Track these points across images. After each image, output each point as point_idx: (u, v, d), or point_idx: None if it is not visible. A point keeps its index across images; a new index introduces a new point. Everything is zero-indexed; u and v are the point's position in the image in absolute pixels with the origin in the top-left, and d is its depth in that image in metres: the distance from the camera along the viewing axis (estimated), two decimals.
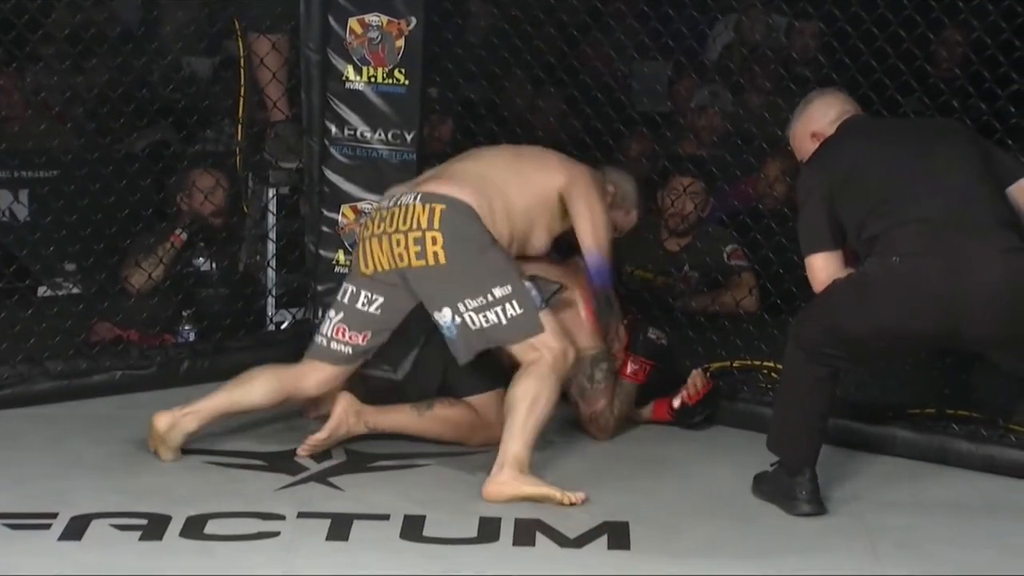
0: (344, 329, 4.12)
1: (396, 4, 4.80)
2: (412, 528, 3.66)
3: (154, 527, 3.61)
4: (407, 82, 4.85)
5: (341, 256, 4.92)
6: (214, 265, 5.15)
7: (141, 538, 3.56)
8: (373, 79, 4.86)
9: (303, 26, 4.87)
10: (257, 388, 4.17)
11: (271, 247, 5.12)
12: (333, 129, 4.90)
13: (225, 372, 4.46)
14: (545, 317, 4.00)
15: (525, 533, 3.64)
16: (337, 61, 4.86)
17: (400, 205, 4.05)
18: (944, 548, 3.64)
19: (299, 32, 4.89)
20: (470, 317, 3.97)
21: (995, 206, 3.67)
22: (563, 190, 4.09)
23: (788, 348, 3.82)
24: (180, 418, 4.11)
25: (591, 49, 5.44)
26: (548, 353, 3.95)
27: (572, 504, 3.80)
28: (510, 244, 4.09)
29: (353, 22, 4.82)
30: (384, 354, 4.20)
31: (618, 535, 3.65)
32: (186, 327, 4.99)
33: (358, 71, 4.85)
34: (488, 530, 3.66)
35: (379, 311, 4.09)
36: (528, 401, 3.89)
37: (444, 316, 3.99)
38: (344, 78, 4.86)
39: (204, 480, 3.97)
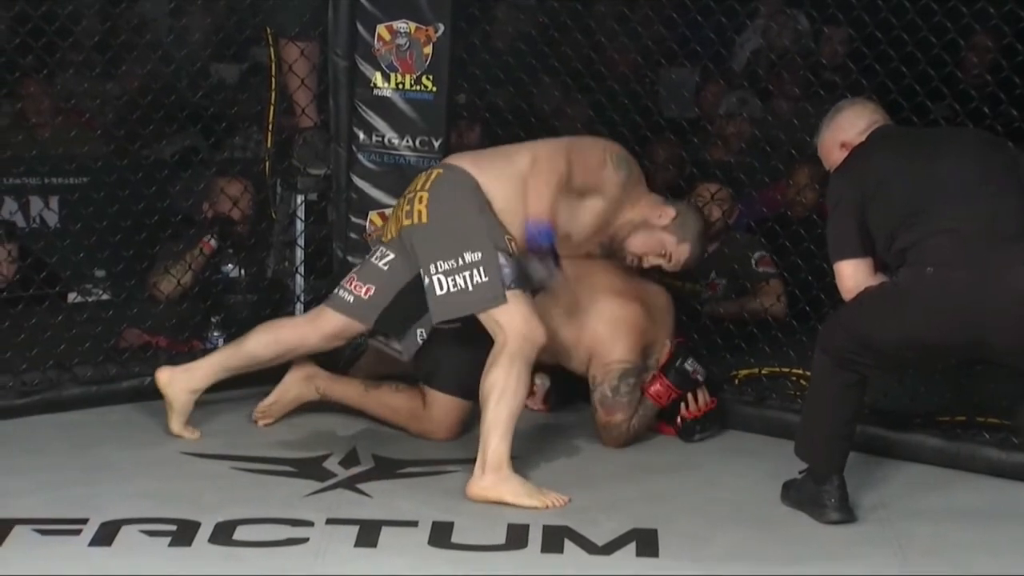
0: (354, 278, 4.23)
1: (424, 11, 4.81)
2: (440, 535, 3.66)
3: (183, 533, 3.62)
4: (435, 88, 4.86)
5: None
6: (242, 272, 5.16)
7: (170, 544, 3.57)
8: (401, 85, 4.87)
9: (331, 32, 4.88)
10: (254, 339, 4.32)
11: (299, 253, 5.13)
12: (361, 135, 4.91)
13: (253, 378, 4.48)
14: (514, 296, 3.98)
15: (553, 540, 3.64)
16: (365, 68, 4.88)
17: (420, 172, 4.23)
18: (973, 555, 3.62)
19: (327, 38, 4.90)
20: (439, 280, 4.01)
21: (1022, 217, 3.66)
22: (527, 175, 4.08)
23: (816, 355, 3.81)
24: (180, 372, 4.29)
25: (618, 55, 5.43)
26: (513, 335, 3.95)
27: (557, 507, 3.83)
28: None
29: (381, 28, 4.83)
30: (394, 332, 4.22)
31: (646, 542, 3.65)
32: (214, 333, 4.99)
33: (386, 77, 4.86)
34: (516, 537, 3.65)
35: (387, 267, 4.18)
36: (496, 393, 3.91)
37: (424, 277, 4.05)
38: (372, 84, 4.88)
39: (233, 486, 3.97)
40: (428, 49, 4.82)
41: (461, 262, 4.00)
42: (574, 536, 3.66)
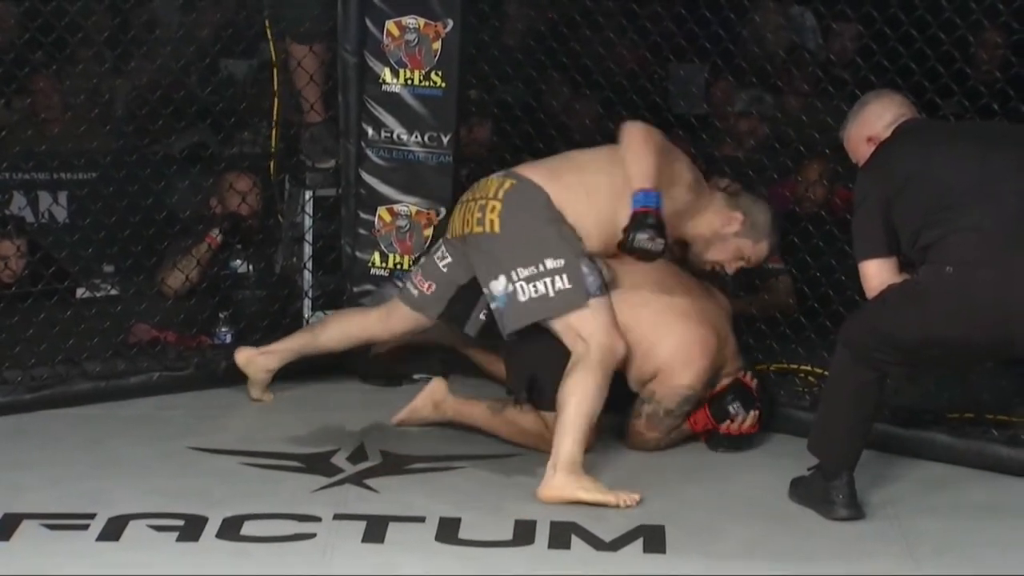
0: (419, 274, 4.35)
1: (433, 6, 4.81)
2: (448, 530, 3.66)
3: (191, 528, 3.62)
4: (444, 84, 4.85)
5: (377, 258, 4.94)
6: (250, 267, 5.16)
7: (178, 539, 3.57)
8: (410, 81, 4.87)
9: (340, 29, 4.88)
10: (329, 332, 4.54)
11: (307, 249, 5.13)
12: (370, 131, 4.91)
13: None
14: (598, 304, 4.00)
15: (561, 536, 3.64)
16: (374, 63, 4.87)
17: (487, 179, 4.23)
18: (982, 552, 3.62)
19: (336, 35, 4.90)
20: (521, 287, 4.01)
21: None
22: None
23: (837, 351, 3.80)
24: (257, 356, 4.57)
25: (627, 51, 5.43)
26: (596, 346, 3.95)
27: (628, 506, 3.80)
28: (600, 244, 4.10)
29: (390, 24, 4.83)
30: (457, 310, 4.27)
31: (654, 538, 3.65)
32: (223, 329, 5.00)
33: (395, 73, 4.86)
34: (524, 533, 3.65)
35: (446, 268, 4.25)
36: (576, 398, 3.90)
37: (498, 285, 4.05)
38: (381, 80, 4.87)
39: (241, 481, 3.98)
40: (437, 45, 4.81)
41: (543, 268, 4.01)
42: (581, 532, 3.66)
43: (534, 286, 4.01)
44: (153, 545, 3.55)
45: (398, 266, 4.91)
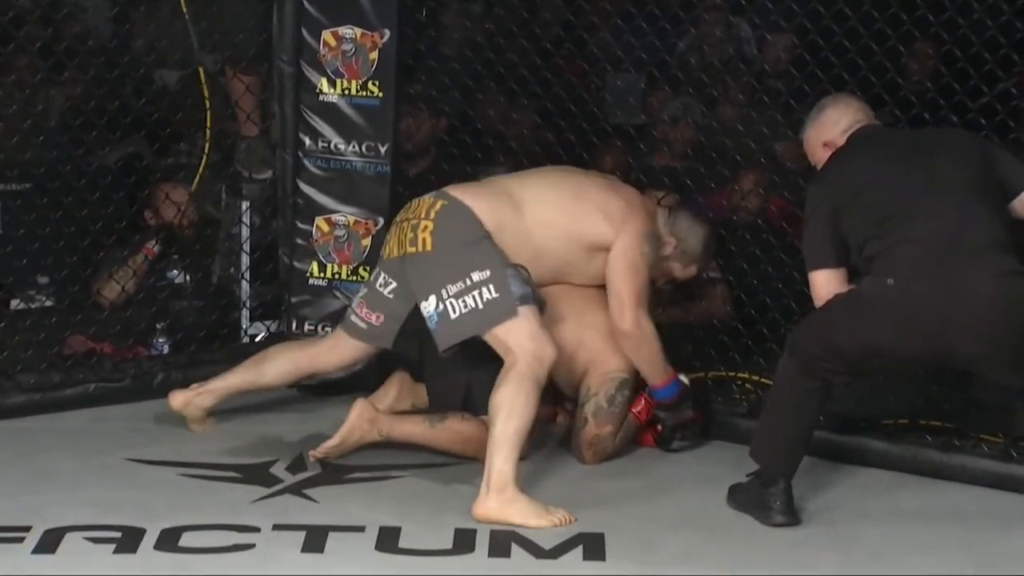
0: (363, 305, 4.28)
1: (370, 16, 4.81)
2: (388, 540, 3.65)
3: (128, 540, 3.60)
4: (381, 94, 4.85)
5: (315, 268, 4.92)
6: (187, 277, 5.15)
7: (115, 551, 3.55)
8: (347, 91, 4.86)
9: (276, 38, 4.87)
10: (271, 368, 4.41)
11: (245, 259, 5.11)
12: (307, 141, 4.89)
13: (199, 383, 4.46)
14: (525, 312, 4.00)
15: (500, 544, 3.64)
16: (311, 73, 4.86)
17: (420, 199, 4.21)
18: (917, 558, 3.66)
19: (272, 44, 4.89)
20: (451, 304, 4.01)
21: (992, 227, 3.69)
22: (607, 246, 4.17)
23: (783, 359, 3.83)
24: (194, 397, 4.40)
25: (564, 61, 5.44)
26: (523, 356, 3.95)
27: (561, 525, 3.78)
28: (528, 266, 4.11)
29: (327, 34, 4.83)
30: (411, 339, 4.25)
31: (593, 546, 3.66)
32: (160, 339, 4.98)
33: (332, 83, 4.85)
34: (463, 542, 3.66)
35: (392, 295, 4.21)
36: (505, 412, 3.88)
37: (429, 305, 4.04)
38: (318, 90, 4.86)
39: (178, 492, 3.96)
40: (374, 55, 4.81)
41: (470, 282, 4.01)
42: (521, 540, 3.67)
43: (463, 301, 4.01)
44: (90, 557, 3.52)
45: (336, 276, 4.90)
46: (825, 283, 3.77)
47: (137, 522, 3.68)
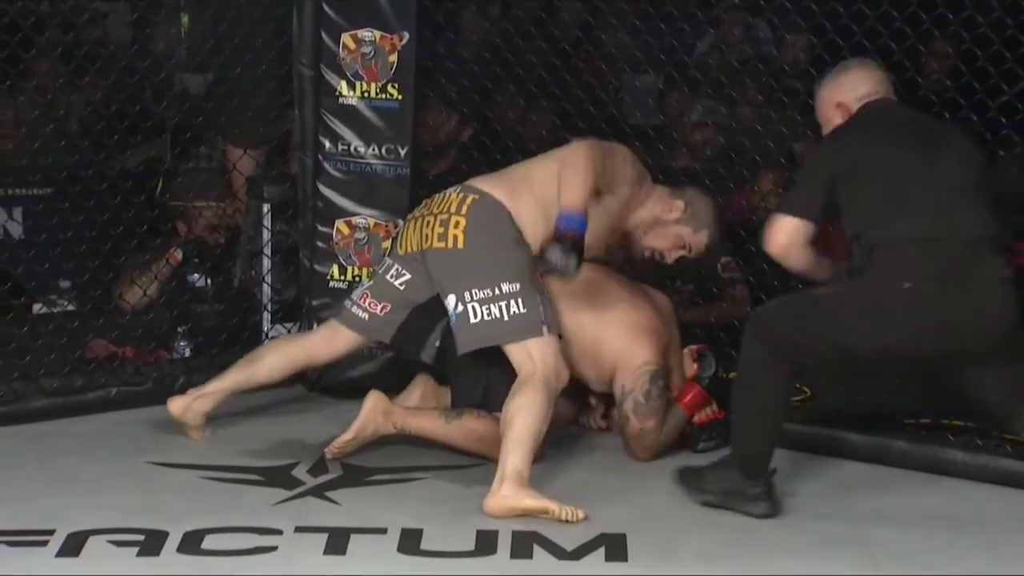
0: (367, 295, 4.25)
1: (389, 19, 4.82)
2: (409, 542, 3.66)
3: (151, 543, 3.61)
4: (400, 96, 4.86)
5: (335, 271, 4.93)
6: (208, 281, 5.15)
7: (139, 554, 3.56)
8: (366, 94, 4.87)
9: (296, 41, 4.88)
10: (265, 364, 4.39)
11: (266, 262, 5.12)
12: (327, 144, 4.90)
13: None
14: (549, 335, 4.02)
15: (522, 546, 3.65)
16: (330, 76, 4.88)
17: (443, 193, 4.19)
18: (939, 559, 3.65)
19: (291, 47, 4.91)
20: (473, 308, 4.01)
21: (989, 230, 3.70)
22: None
23: (751, 345, 3.77)
24: (192, 402, 4.36)
25: (582, 63, 5.46)
26: (543, 369, 3.97)
27: (570, 520, 3.78)
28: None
29: (346, 37, 4.84)
30: (412, 345, 4.23)
31: (615, 547, 3.66)
32: (181, 343, 4.99)
33: (351, 86, 4.87)
34: (486, 543, 3.66)
35: (403, 287, 4.19)
36: (523, 415, 3.90)
37: (449, 303, 4.05)
38: (337, 93, 4.88)
39: (201, 495, 3.97)
40: (393, 57, 4.82)
41: (498, 291, 4.01)
42: (543, 542, 3.67)
43: (487, 308, 4.01)
44: (114, 560, 3.53)
45: (356, 278, 4.90)
46: (792, 232, 3.73)
47: (160, 525, 3.69)
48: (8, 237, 5.13)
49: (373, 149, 4.90)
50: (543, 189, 4.13)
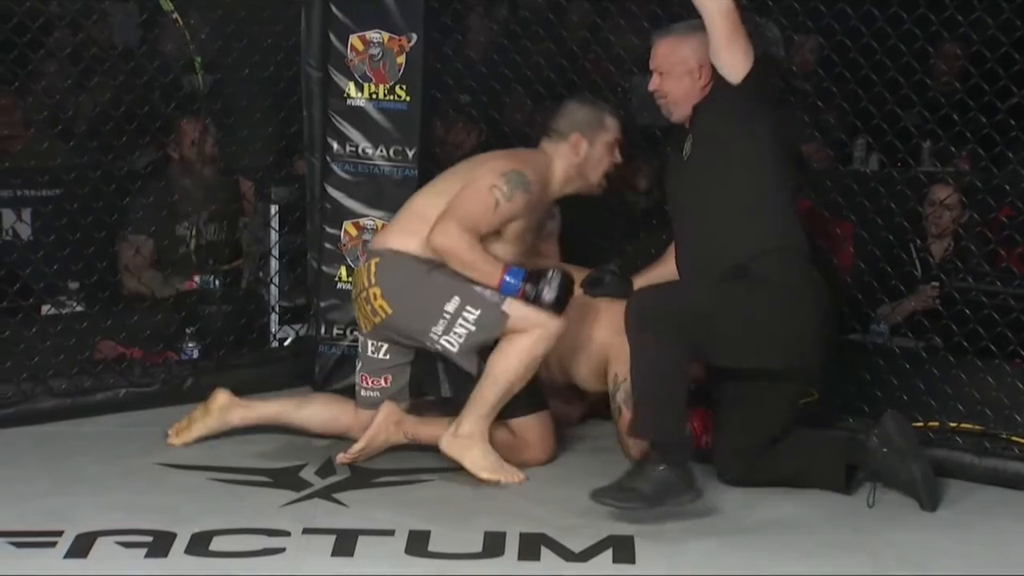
0: (366, 376, 4.30)
1: (397, 21, 4.82)
2: (417, 543, 3.67)
3: (159, 544, 3.62)
4: (408, 98, 4.87)
5: (343, 272, 4.94)
6: (217, 282, 5.16)
7: (147, 555, 3.57)
8: (374, 95, 4.88)
9: (304, 43, 4.90)
10: (310, 408, 4.39)
11: (273, 264, 5.13)
12: (335, 146, 4.91)
13: (228, 388, 4.47)
14: (511, 304, 4.05)
15: (530, 548, 3.65)
16: (338, 78, 4.88)
17: (356, 268, 4.28)
18: (948, 560, 3.65)
19: (300, 49, 4.92)
20: (446, 341, 4.09)
21: None
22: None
23: (646, 332, 3.76)
24: (233, 406, 4.35)
25: (590, 64, 5.46)
26: (531, 330, 4.04)
27: (506, 483, 4.04)
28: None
29: (354, 39, 4.85)
30: (427, 381, 4.29)
31: (623, 549, 3.67)
32: (189, 344, 5.00)
33: (359, 88, 4.87)
34: (493, 545, 3.67)
35: (387, 355, 4.25)
36: (498, 377, 4.07)
37: (428, 347, 4.13)
38: (345, 95, 4.88)
39: (209, 497, 3.97)
40: (401, 59, 4.83)
41: (448, 315, 4.06)
42: (551, 543, 3.68)
43: (455, 333, 4.08)
44: (122, 561, 3.54)
45: None
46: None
47: (168, 526, 3.70)
48: (17, 238, 5.13)
49: (381, 151, 4.91)
50: (433, 213, 4.15)
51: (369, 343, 4.26)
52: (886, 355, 4.54)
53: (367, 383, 4.29)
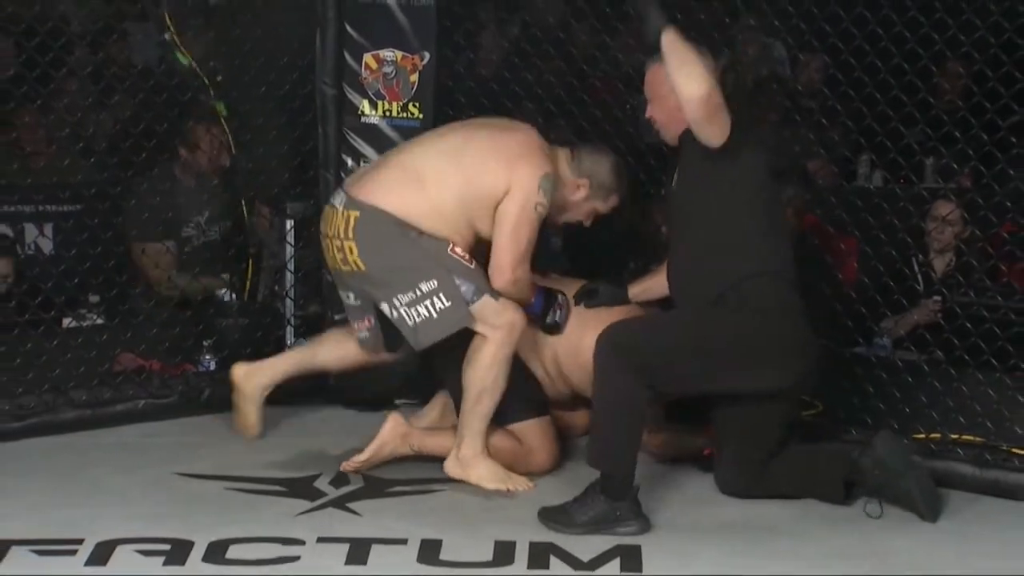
0: (351, 321, 4.32)
1: (410, 40, 4.90)
2: (429, 552, 3.72)
3: (177, 552, 3.67)
4: (421, 115, 4.94)
5: None
6: (233, 296, 5.23)
7: (165, 563, 3.62)
8: (388, 113, 4.95)
9: (319, 61, 4.96)
10: (325, 349, 4.43)
11: (289, 278, 5.19)
12: (349, 162, 4.98)
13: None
14: (479, 306, 4.09)
15: (539, 556, 3.71)
16: (352, 96, 4.96)
17: (332, 206, 4.21)
18: (953, 569, 3.69)
19: (314, 67, 4.99)
20: (405, 312, 4.11)
21: None
22: (501, 198, 4.13)
23: (618, 366, 3.83)
24: (255, 370, 4.39)
25: (600, 82, 5.51)
26: (493, 336, 4.10)
27: (515, 492, 4.12)
28: (454, 234, 4.13)
29: (368, 57, 4.92)
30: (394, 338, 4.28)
31: (631, 557, 3.71)
32: (206, 356, 5.06)
33: (373, 105, 4.95)
34: (503, 554, 3.72)
35: (358, 301, 4.25)
36: (476, 390, 4.12)
37: (384, 310, 4.16)
38: (360, 112, 4.96)
39: (225, 506, 4.03)
40: (414, 77, 4.90)
41: (420, 293, 4.09)
42: (560, 552, 3.73)
43: (416, 310, 4.09)
44: (140, 569, 3.59)
45: None
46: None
47: (185, 535, 3.76)
48: (39, 252, 5.19)
49: None
50: (439, 192, 4.13)
51: (341, 292, 4.28)
52: (889, 368, 4.58)
53: (356, 325, 4.29)
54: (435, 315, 4.10)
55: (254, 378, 4.39)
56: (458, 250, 4.13)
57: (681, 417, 4.40)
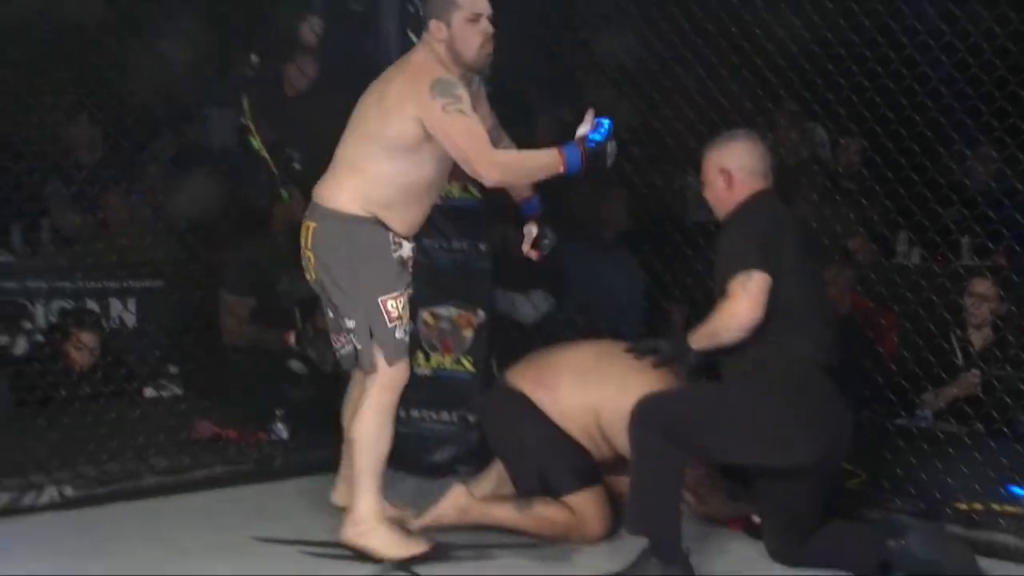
0: (331, 333, 4.36)
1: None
2: None
3: None
4: (479, 195, 5.08)
5: (420, 358, 5.13)
6: (305, 367, 5.41)
7: None
8: (448, 193, 5.02)
9: None
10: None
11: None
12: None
13: (316, 466, 4.78)
14: (384, 350, 4.14)
15: None
16: None
17: (304, 222, 4.24)
18: None
19: None
20: (354, 335, 4.19)
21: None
22: (421, 121, 4.05)
23: (646, 433, 3.95)
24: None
25: (649, 162, 5.66)
26: (378, 381, 4.16)
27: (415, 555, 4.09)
28: (407, 194, 4.15)
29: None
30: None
31: None
32: (279, 425, 5.24)
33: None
34: None
35: (332, 315, 4.31)
36: (363, 446, 4.15)
37: (344, 322, 4.22)
38: None
39: (299, 569, 4.18)
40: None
41: (347, 326, 4.18)
42: None
43: (355, 335, 4.17)
44: None
45: (440, 365, 5.16)
46: (763, 289, 3.94)
47: None
48: (123, 326, 5.40)
49: (455, 243, 5.12)
50: (375, 168, 4.11)
51: (322, 306, 4.31)
52: (930, 439, 4.64)
53: (339, 339, 4.30)
54: (357, 349, 4.18)
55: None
56: (388, 304, 4.17)
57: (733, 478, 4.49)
